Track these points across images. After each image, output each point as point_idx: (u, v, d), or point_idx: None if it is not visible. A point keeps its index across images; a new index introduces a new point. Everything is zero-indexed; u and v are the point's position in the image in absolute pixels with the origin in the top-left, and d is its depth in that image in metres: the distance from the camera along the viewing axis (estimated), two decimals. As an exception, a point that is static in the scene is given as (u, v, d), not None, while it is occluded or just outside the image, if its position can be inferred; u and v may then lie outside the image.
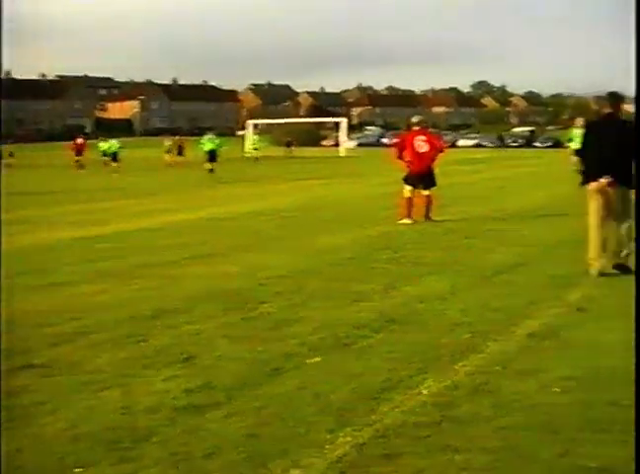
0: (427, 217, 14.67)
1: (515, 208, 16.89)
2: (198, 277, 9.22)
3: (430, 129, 17.74)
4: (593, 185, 9.03)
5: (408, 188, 14.74)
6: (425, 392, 5.11)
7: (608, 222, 9.00)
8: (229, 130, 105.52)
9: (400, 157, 15.04)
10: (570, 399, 4.95)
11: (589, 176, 9.17)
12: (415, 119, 15.56)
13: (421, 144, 14.87)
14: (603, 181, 8.91)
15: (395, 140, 15.61)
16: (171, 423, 4.61)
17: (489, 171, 33.94)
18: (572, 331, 6.58)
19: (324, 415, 4.73)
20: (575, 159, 24.12)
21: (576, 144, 24.60)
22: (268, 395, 5.12)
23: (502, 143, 79.51)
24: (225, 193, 24.00)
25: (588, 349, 6.06)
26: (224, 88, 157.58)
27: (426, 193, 14.78)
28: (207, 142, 34.43)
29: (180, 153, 46.61)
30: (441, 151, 15.55)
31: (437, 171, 15.22)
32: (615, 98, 9.41)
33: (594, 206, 9.07)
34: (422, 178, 14.76)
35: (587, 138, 9.52)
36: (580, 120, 26.31)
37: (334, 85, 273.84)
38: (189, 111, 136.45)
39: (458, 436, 4.38)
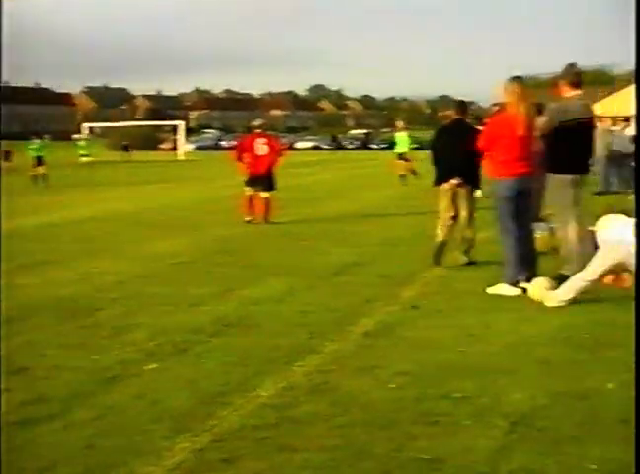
0: (265, 220, 14.77)
1: (351, 209, 17.19)
2: (30, 286, 8.89)
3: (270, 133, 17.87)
4: (445, 185, 9.72)
5: (248, 188, 15.01)
6: (263, 394, 5.13)
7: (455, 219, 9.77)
8: (64, 134, 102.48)
9: (240, 159, 15.17)
10: (404, 394, 5.08)
11: (441, 177, 9.80)
12: (256, 123, 15.83)
13: (260, 147, 15.05)
14: (454, 182, 9.60)
15: (236, 143, 15.73)
16: (3, 438, 4.43)
17: (326, 173, 34.42)
18: (406, 328, 6.76)
19: (161, 422, 4.67)
20: (399, 162, 24.75)
21: (400, 148, 25.16)
22: (105, 404, 5.00)
23: (338, 145, 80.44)
24: (57, 199, 23.12)
25: (420, 345, 6.23)
26: (58, 91, 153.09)
27: (264, 195, 14.90)
28: (34, 147, 33.10)
29: (7, 158, 44.67)
30: (281, 154, 15.76)
31: (276, 172, 15.33)
32: (463, 105, 10.06)
33: (444, 205, 9.77)
34: (261, 180, 14.95)
35: (439, 142, 10.04)
36: (400, 124, 26.55)
37: (171, 88, 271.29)
38: (21, 114, 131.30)
39: (297, 436, 4.42)
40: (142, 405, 4.99)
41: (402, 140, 25.40)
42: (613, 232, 7.42)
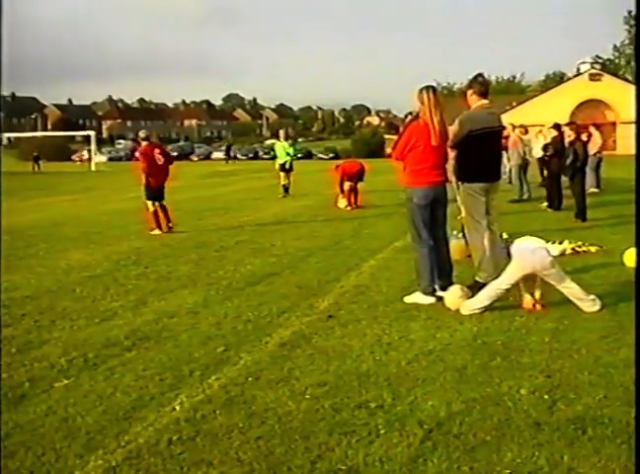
0: (169, 228, 15.01)
1: (266, 219, 17.15)
2: None
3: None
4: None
5: (150, 202, 15.16)
6: (178, 408, 5.06)
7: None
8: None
9: (144, 170, 15.24)
10: (320, 404, 5.07)
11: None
12: (142, 134, 15.88)
13: (159, 157, 15.23)
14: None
15: (139, 154, 15.55)
16: None
17: (241, 182, 34.27)
18: (322, 338, 6.75)
19: (73, 440, 4.57)
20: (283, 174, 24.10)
21: (280, 159, 24.47)
22: (13, 424, 4.86)
23: (230, 157, 77.81)
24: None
25: (337, 355, 6.23)
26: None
27: (163, 205, 15.22)
28: None
29: None
30: (171, 163, 15.99)
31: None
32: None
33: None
34: (161, 190, 15.26)
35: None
36: (282, 133, 25.79)
37: (83, 97, 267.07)
38: None
39: (213, 450, 4.38)
40: (53, 423, 4.87)
41: (282, 150, 24.48)
42: (527, 244, 7.61)
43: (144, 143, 15.46)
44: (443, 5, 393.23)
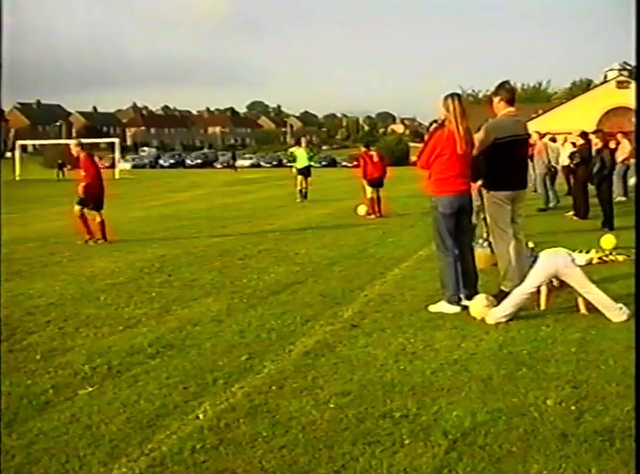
0: (105, 239, 14.84)
1: (290, 227, 17.15)
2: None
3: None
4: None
5: (78, 207, 14.91)
6: (201, 416, 5.04)
7: None
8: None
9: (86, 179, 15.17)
10: (344, 414, 5.04)
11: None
12: (76, 143, 15.92)
13: (95, 167, 15.40)
14: None
15: (85, 162, 15.26)
16: None
17: (265, 190, 34.34)
18: (346, 347, 6.72)
19: (97, 447, 4.56)
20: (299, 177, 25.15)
21: (300, 163, 25.45)
22: (37, 431, 4.86)
23: (230, 164, 77.81)
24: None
25: (361, 364, 6.20)
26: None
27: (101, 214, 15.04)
28: None
29: None
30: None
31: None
32: None
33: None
34: (101, 199, 15.18)
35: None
36: (304, 140, 27.35)
37: (108, 105, 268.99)
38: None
39: (237, 459, 4.36)
40: (77, 430, 4.86)
41: (302, 156, 26.00)
42: (551, 251, 7.58)
43: (83, 153, 15.35)
44: (470, 12, 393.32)
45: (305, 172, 25.77)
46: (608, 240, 8.16)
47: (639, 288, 6.49)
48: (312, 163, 26.34)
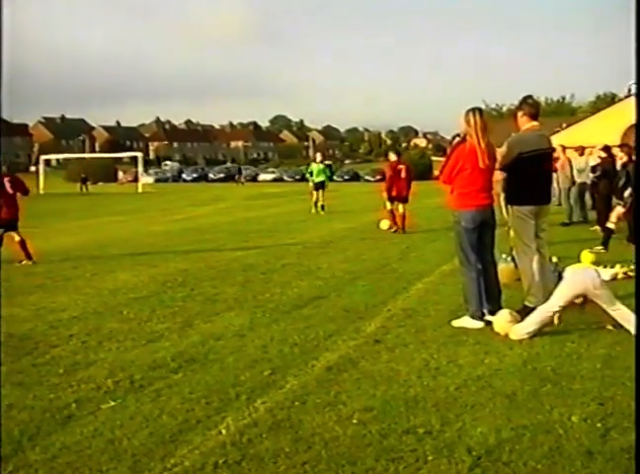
0: (28, 259, 13.89)
1: (312, 241, 17.13)
2: (-16, 322, 8.68)
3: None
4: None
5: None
6: (224, 432, 5.03)
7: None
8: (21, 166, 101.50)
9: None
10: (367, 430, 5.01)
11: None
12: None
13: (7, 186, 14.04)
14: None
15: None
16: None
17: (287, 204, 34.38)
18: (369, 362, 6.69)
19: (119, 462, 4.55)
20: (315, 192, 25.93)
21: (316, 178, 26.85)
22: (60, 445, 4.86)
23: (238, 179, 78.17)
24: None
25: (384, 379, 6.16)
26: (14, 121, 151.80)
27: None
28: None
29: None
30: (26, 194, 14.69)
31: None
32: None
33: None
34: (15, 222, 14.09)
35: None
36: (319, 155, 28.92)
37: (130, 119, 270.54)
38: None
39: (259, 475, 4.33)
40: (99, 444, 4.86)
41: (318, 170, 27.21)
42: (579, 267, 7.50)
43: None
44: (494, 26, 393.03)
45: (320, 185, 26.89)
46: (587, 256, 8.19)
47: (639, 289, 6.46)
48: (326, 176, 27.65)
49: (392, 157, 19.74)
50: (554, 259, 9.70)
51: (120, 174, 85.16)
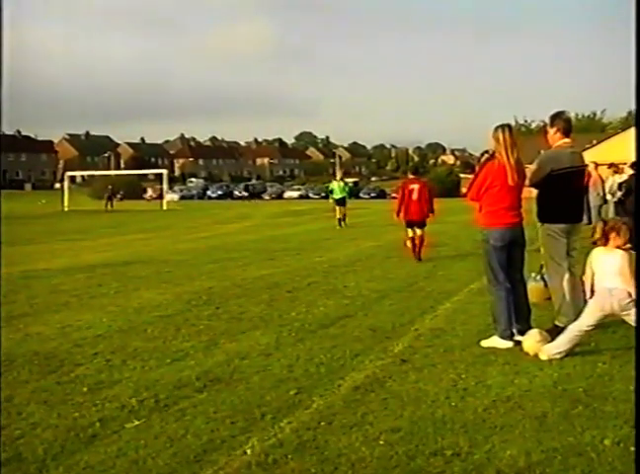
0: None
1: (339, 259, 17.07)
2: (9, 340, 8.66)
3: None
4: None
5: None
6: (249, 452, 4.96)
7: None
8: (47, 183, 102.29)
9: None
10: (394, 451, 4.93)
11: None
12: None
13: None
14: None
15: None
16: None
17: (313, 222, 34.36)
18: (396, 382, 6.60)
19: (143, 483, 4.49)
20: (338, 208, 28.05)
21: (336, 195, 29.46)
22: (84, 464, 4.82)
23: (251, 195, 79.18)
24: (37, 248, 22.69)
25: (411, 400, 6.07)
26: (39, 138, 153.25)
27: None
28: None
29: None
30: None
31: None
32: None
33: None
34: None
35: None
36: (339, 173, 30.94)
37: (155, 136, 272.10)
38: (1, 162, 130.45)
39: (284, 498, 4.26)
40: (123, 464, 4.81)
41: (338, 188, 29.72)
42: (605, 283, 7.33)
43: None
44: (525, 42, 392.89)
45: (341, 202, 29.34)
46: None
47: (639, 291, 6.33)
48: (346, 192, 30.15)
49: (409, 175, 17.67)
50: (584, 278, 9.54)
51: (149, 190, 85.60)
